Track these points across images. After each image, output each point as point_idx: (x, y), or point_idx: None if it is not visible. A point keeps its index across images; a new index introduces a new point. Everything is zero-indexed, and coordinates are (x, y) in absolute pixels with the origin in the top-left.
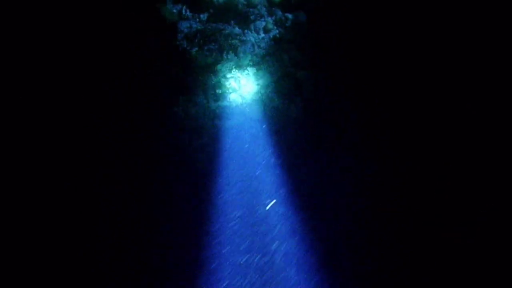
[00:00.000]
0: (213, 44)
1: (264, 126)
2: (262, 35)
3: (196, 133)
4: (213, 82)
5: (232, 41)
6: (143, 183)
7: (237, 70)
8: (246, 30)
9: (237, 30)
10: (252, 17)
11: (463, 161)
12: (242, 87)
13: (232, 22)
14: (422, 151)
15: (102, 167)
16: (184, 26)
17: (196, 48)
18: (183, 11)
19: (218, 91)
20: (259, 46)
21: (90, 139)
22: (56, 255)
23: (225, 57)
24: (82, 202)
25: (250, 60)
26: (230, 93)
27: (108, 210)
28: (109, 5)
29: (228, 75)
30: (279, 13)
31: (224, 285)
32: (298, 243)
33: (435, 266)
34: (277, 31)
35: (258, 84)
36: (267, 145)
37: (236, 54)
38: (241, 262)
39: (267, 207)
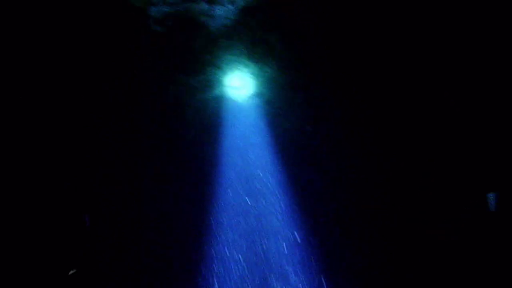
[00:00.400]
0: (185, 23)
1: (244, 93)
2: (229, 6)
3: (180, 108)
4: (190, 59)
5: (202, 18)
6: (144, 179)
7: (211, 44)
8: (213, 5)
9: (205, 6)
10: None
11: (447, 158)
12: (218, 58)
13: (199, 0)
14: (406, 148)
15: (102, 165)
16: (154, 11)
17: (169, 30)
18: None
19: (197, 66)
20: (228, 18)
21: (87, 138)
22: (56, 255)
23: (198, 34)
24: (82, 202)
25: (222, 32)
26: (208, 66)
27: (108, 210)
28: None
29: (204, 50)
30: None
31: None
32: (286, 238)
33: (419, 263)
34: (243, 0)
35: (232, 54)
36: (249, 114)
37: (208, 30)
38: (240, 260)
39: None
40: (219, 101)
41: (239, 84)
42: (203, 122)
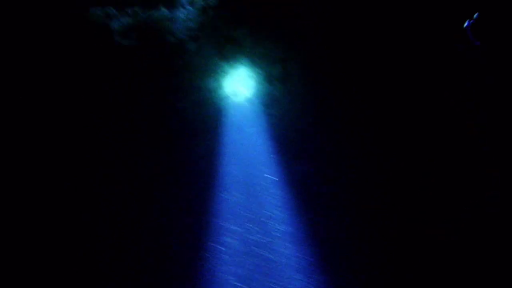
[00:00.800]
0: (148, 32)
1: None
2: (190, 9)
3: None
4: (162, 66)
5: (164, 24)
6: (144, 182)
7: (179, 48)
8: (173, 9)
9: (165, 11)
10: None
11: (447, 158)
12: (189, 61)
13: (159, 6)
14: (406, 148)
15: (102, 167)
16: (115, 24)
17: (134, 42)
18: (109, 11)
19: (171, 72)
20: (190, 20)
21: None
22: (56, 255)
23: (162, 40)
24: (82, 202)
25: (187, 36)
26: (182, 71)
27: (108, 210)
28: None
29: (174, 58)
30: None
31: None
32: (288, 240)
33: (419, 263)
34: (203, 1)
35: (202, 56)
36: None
37: (172, 35)
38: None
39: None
40: (202, 105)
41: (216, 85)
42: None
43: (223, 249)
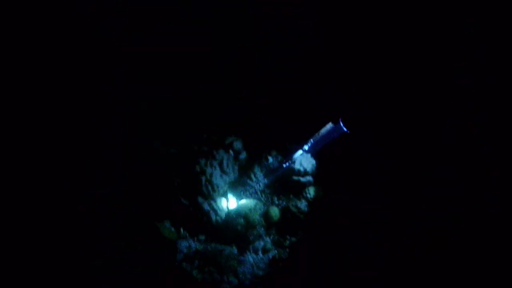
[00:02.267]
0: (213, 266)
1: None
2: (261, 255)
3: None
4: None
5: (231, 262)
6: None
7: None
8: (244, 252)
9: (235, 250)
10: (251, 238)
11: (447, 158)
12: None
13: (231, 242)
14: (406, 148)
15: (102, 167)
16: (183, 245)
17: (196, 270)
18: (181, 231)
19: None
20: (258, 267)
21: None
22: (55, 255)
23: (225, 279)
24: (82, 202)
25: (249, 281)
26: None
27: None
28: None
29: None
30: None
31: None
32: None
33: (419, 263)
34: (276, 251)
35: None
36: None
37: (235, 276)
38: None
39: None
40: None
41: None
42: None
43: None
